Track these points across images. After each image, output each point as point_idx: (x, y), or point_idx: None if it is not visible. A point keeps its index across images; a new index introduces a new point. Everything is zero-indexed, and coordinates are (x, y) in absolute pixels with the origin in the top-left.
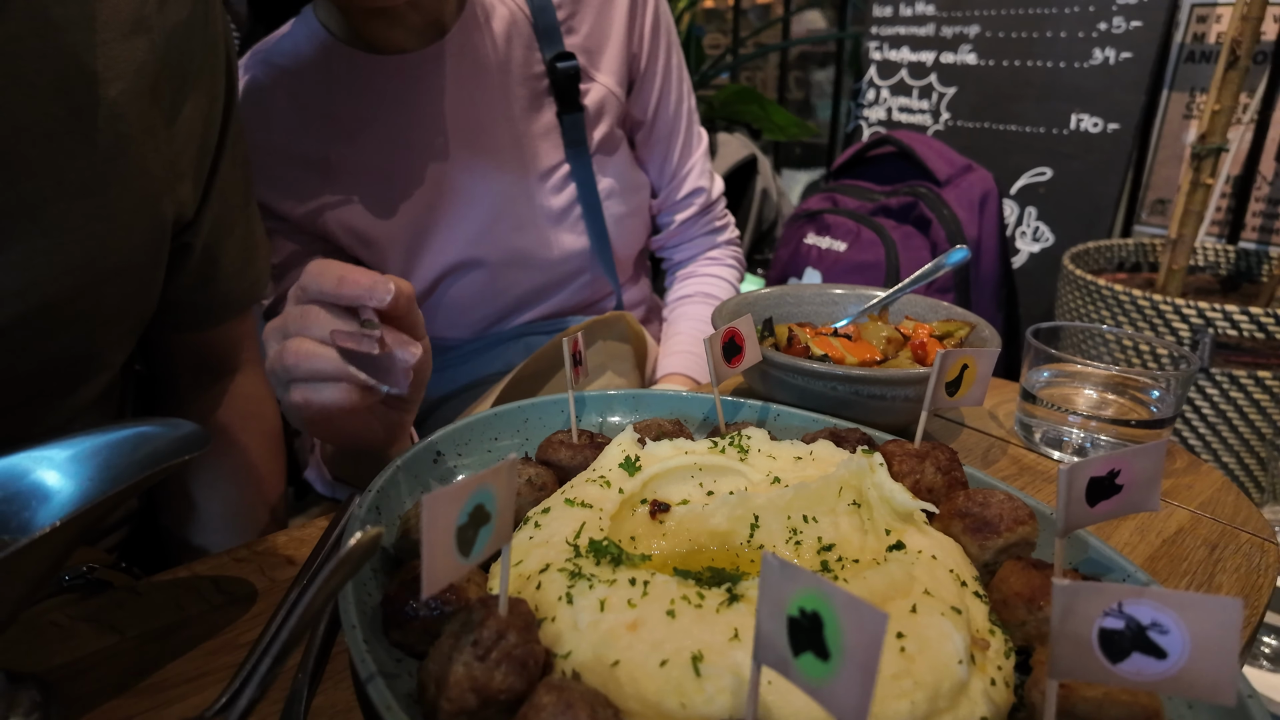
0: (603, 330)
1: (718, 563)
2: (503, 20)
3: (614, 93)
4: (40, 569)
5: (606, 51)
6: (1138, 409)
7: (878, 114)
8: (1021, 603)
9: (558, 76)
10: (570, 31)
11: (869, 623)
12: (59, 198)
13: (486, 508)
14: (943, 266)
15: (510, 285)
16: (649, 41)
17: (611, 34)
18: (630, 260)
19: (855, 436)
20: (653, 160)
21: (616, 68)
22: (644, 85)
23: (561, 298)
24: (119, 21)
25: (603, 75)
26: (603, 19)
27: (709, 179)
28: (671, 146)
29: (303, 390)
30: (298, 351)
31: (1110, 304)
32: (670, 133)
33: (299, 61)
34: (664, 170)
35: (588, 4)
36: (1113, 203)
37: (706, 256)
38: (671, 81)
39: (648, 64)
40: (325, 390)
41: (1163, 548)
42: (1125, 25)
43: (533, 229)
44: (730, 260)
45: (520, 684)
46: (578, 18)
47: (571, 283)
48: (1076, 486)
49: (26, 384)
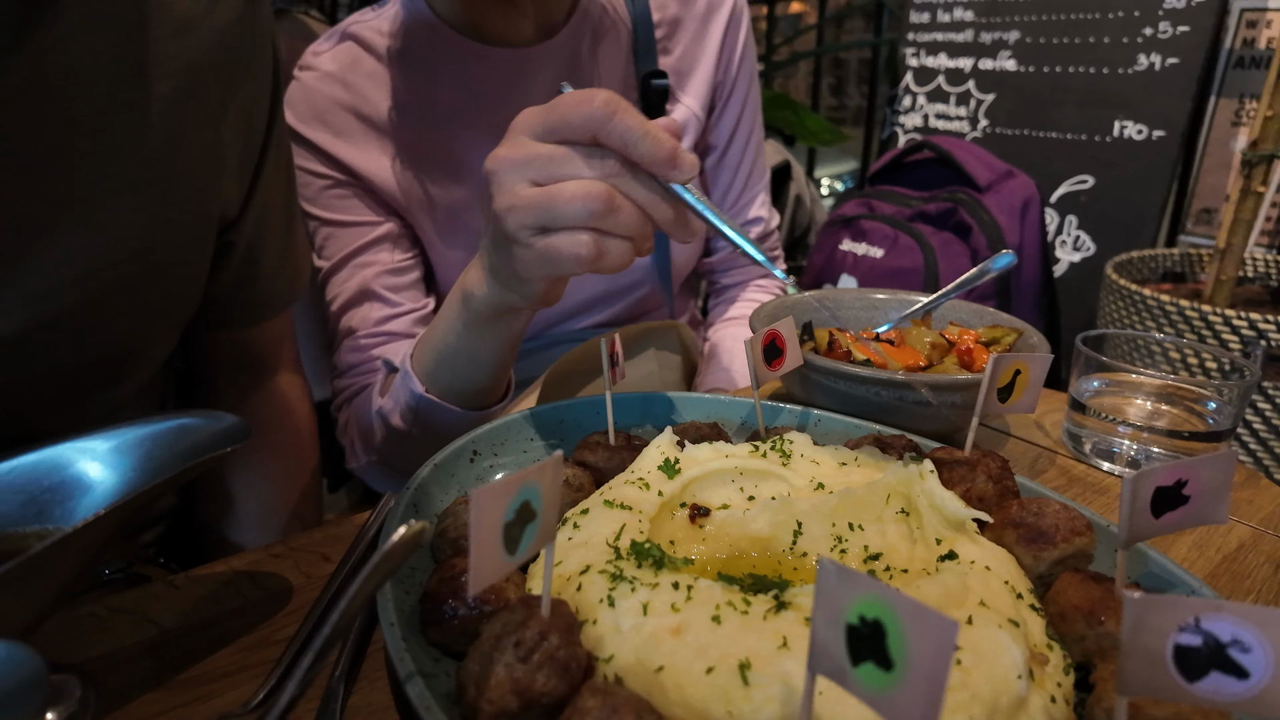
0: (655, 338)
1: (759, 569)
2: (609, 29)
3: (697, 115)
4: (81, 560)
5: (695, 75)
6: (1193, 420)
7: (914, 121)
8: (1081, 617)
9: (649, 92)
10: (665, 52)
11: (937, 631)
12: (109, 192)
13: (532, 505)
14: (988, 271)
15: (575, 290)
16: (735, 72)
17: (702, 59)
18: (683, 277)
19: (901, 443)
20: (717, 186)
21: (702, 92)
22: (725, 112)
23: (620, 307)
24: (171, 20)
25: (689, 97)
26: (697, 44)
27: (768, 210)
28: (738, 175)
29: (596, 240)
30: (608, 200)
31: (1156, 314)
32: (739, 162)
33: (394, 37)
34: (728, 196)
35: (685, 28)
36: (1157, 211)
37: (755, 284)
38: (748, 112)
39: (732, 93)
40: (616, 245)
41: (1223, 564)
42: (1172, 30)
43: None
44: (777, 290)
45: (563, 687)
46: (674, 39)
47: (631, 294)
48: (1141, 496)
49: (72, 376)
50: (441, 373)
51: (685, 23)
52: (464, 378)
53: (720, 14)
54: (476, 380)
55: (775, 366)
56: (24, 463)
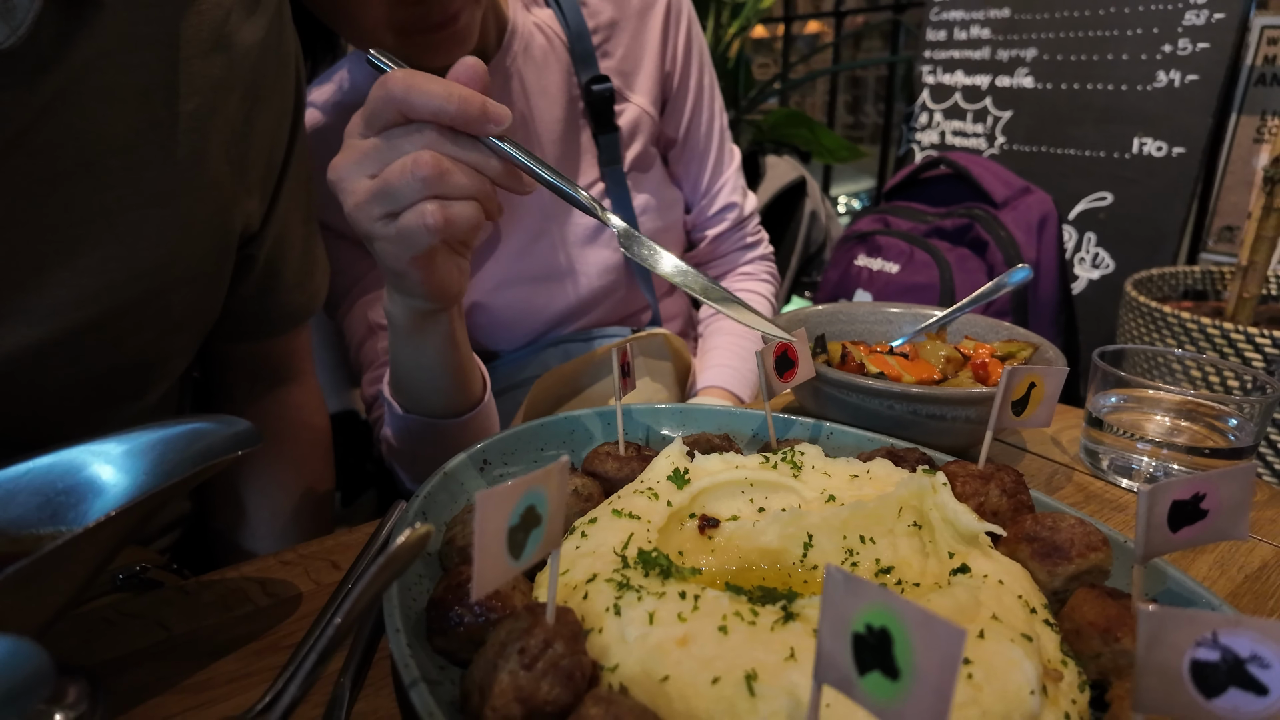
0: (641, 347)
1: (769, 582)
2: (541, 48)
3: (648, 112)
4: (92, 561)
5: (640, 73)
6: (1214, 437)
7: (930, 137)
8: (1096, 633)
9: (593, 99)
10: (605, 55)
11: (944, 640)
12: (135, 206)
13: (538, 510)
14: (1004, 286)
15: (549, 301)
16: (681, 61)
17: (645, 56)
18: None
19: (914, 456)
20: (686, 177)
21: (650, 88)
22: (676, 104)
23: (599, 312)
24: (200, 39)
25: (637, 96)
26: (636, 42)
27: (741, 195)
28: (704, 163)
29: (441, 206)
30: (436, 165)
31: (1177, 332)
32: (703, 150)
33: (356, 96)
34: (697, 186)
35: (622, 28)
36: (1177, 229)
37: (740, 271)
38: (704, 99)
39: (680, 83)
40: (461, 207)
41: (1245, 584)
42: (1191, 47)
43: (567, 248)
44: (764, 275)
45: (566, 695)
46: (612, 42)
47: (608, 298)
48: (1158, 510)
49: (94, 387)
50: (408, 389)
51: (622, 24)
52: (424, 388)
53: (657, 8)
54: (437, 387)
55: (787, 378)
56: (39, 465)
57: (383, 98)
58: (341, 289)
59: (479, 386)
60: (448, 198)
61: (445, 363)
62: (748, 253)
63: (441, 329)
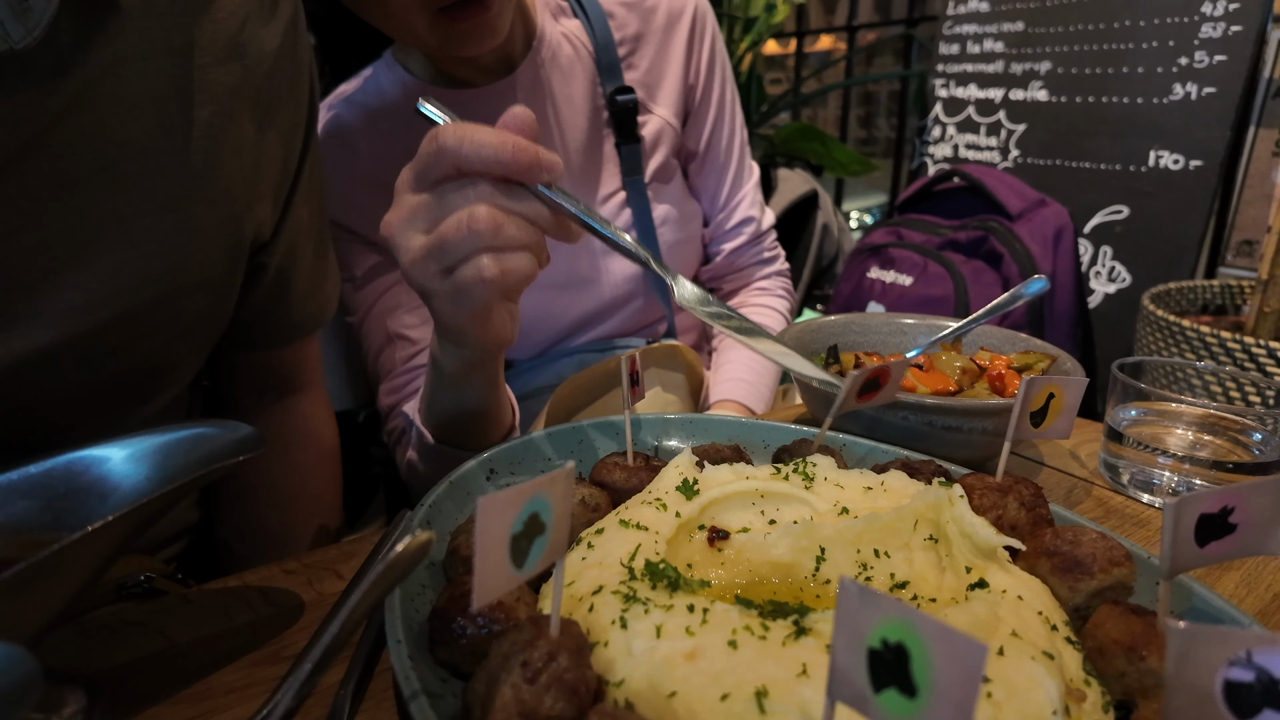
0: (654, 358)
1: (780, 596)
2: (568, 57)
3: (670, 124)
4: (92, 565)
5: (664, 85)
6: (1238, 451)
7: (943, 151)
8: (1121, 651)
9: (617, 109)
10: (630, 67)
11: (965, 655)
12: (148, 211)
13: (542, 517)
14: (1020, 297)
15: (567, 308)
16: (705, 75)
17: (669, 68)
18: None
19: (930, 468)
20: (705, 190)
21: (673, 100)
22: (699, 117)
23: (616, 321)
24: (216, 48)
25: (660, 108)
26: (661, 55)
27: (759, 210)
28: (723, 177)
29: (496, 259)
30: (491, 219)
31: (1196, 346)
32: (723, 163)
33: (384, 101)
34: (716, 200)
35: (648, 41)
36: (1195, 242)
37: (756, 286)
38: (725, 113)
39: (703, 96)
40: (516, 259)
41: (1275, 602)
42: (1208, 60)
43: (590, 255)
44: (780, 290)
45: (570, 711)
46: (638, 54)
47: (625, 307)
48: (1184, 524)
49: (102, 392)
50: (442, 423)
51: (647, 37)
52: (463, 424)
53: (682, 22)
54: (476, 425)
55: (866, 399)
56: (42, 469)
57: (435, 152)
58: (360, 294)
59: (509, 415)
60: (502, 250)
61: (486, 401)
62: (764, 268)
63: (488, 374)
